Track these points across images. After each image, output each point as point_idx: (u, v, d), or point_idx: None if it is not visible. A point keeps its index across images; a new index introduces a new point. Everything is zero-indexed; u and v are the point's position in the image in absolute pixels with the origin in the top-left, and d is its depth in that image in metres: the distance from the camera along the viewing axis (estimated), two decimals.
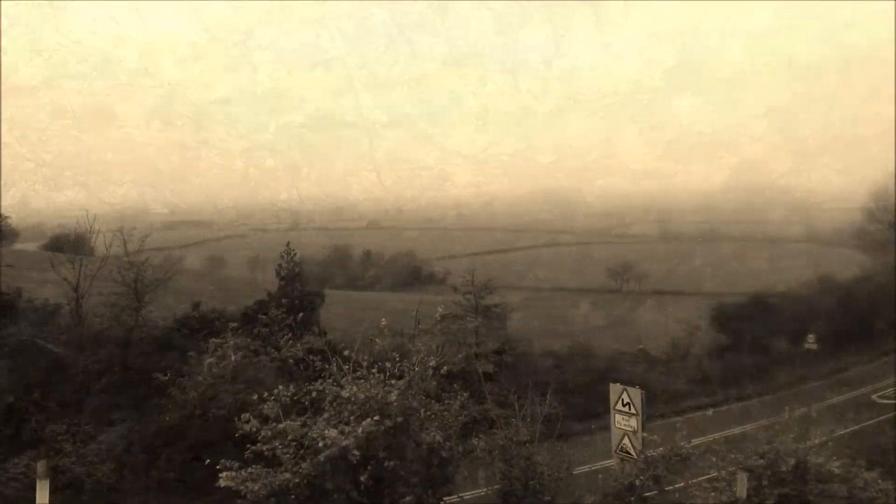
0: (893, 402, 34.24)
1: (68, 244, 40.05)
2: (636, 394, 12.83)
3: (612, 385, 13.51)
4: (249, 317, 22.86)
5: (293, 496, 9.26)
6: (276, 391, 10.33)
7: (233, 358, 17.53)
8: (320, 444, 9.14)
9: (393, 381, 10.29)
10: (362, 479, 9.18)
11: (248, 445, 9.80)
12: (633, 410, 12.81)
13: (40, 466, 11.73)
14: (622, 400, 12.98)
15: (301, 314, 19.67)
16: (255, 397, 10.75)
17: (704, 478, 12.71)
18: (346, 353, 11.03)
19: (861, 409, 31.20)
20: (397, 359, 10.85)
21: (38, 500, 8.79)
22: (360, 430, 9.22)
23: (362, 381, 10.33)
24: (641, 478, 11.31)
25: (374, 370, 10.58)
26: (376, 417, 9.48)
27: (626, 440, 12.85)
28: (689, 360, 37.89)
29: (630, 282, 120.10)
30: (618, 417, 13.05)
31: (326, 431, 9.21)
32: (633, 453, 12.41)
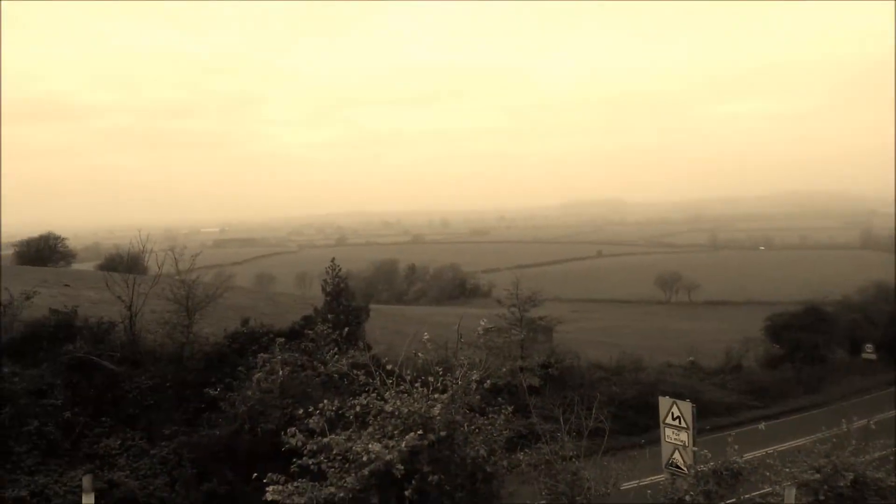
0: None
1: (122, 263, 41.42)
2: (686, 407, 12.59)
3: (661, 398, 13.29)
4: (296, 332, 23.14)
5: None
6: (321, 405, 10.43)
7: (280, 373, 17.77)
8: (364, 459, 9.17)
9: (436, 395, 10.28)
10: (406, 493, 9.17)
11: (295, 459, 9.91)
12: (683, 424, 12.58)
13: (86, 481, 12.05)
14: (672, 413, 12.76)
15: (346, 329, 19.89)
16: (301, 411, 10.87)
17: (757, 493, 12.36)
18: (389, 367, 11.08)
19: None
20: (440, 372, 10.83)
21: None
22: (403, 445, 9.23)
23: (406, 395, 10.34)
24: (692, 493, 11.05)
25: (417, 384, 10.59)
26: (420, 432, 9.47)
27: (676, 454, 12.61)
28: (741, 372, 37.04)
29: (679, 292, 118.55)
30: (668, 431, 12.82)
31: (370, 445, 9.24)
32: (684, 468, 12.16)
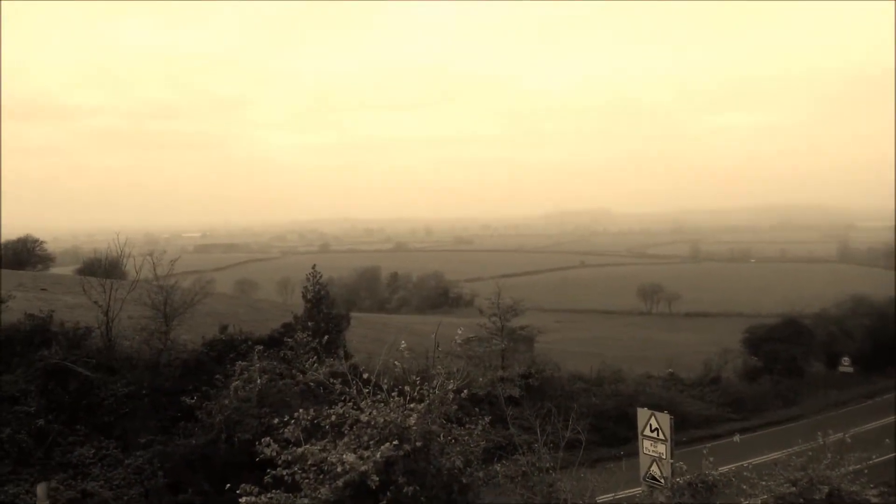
0: None
1: (100, 268, 40.91)
2: (665, 419, 12.60)
3: (640, 410, 13.29)
4: (276, 340, 22.98)
5: None
6: (296, 415, 10.33)
7: (258, 381, 17.62)
8: (339, 469, 9.08)
9: (413, 405, 10.21)
10: None
11: (269, 470, 9.79)
12: (661, 436, 12.57)
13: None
14: (650, 425, 12.76)
15: (326, 337, 19.74)
16: (277, 421, 10.77)
17: None
18: (366, 376, 10.99)
19: None
20: (417, 382, 10.77)
21: None
22: (378, 455, 9.15)
23: (382, 404, 10.27)
24: None
25: (394, 393, 10.52)
26: (395, 442, 9.40)
27: (654, 467, 12.61)
28: (720, 384, 37.28)
29: (660, 303, 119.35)
30: (646, 443, 12.82)
31: (345, 456, 9.15)
32: (661, 480, 12.17)
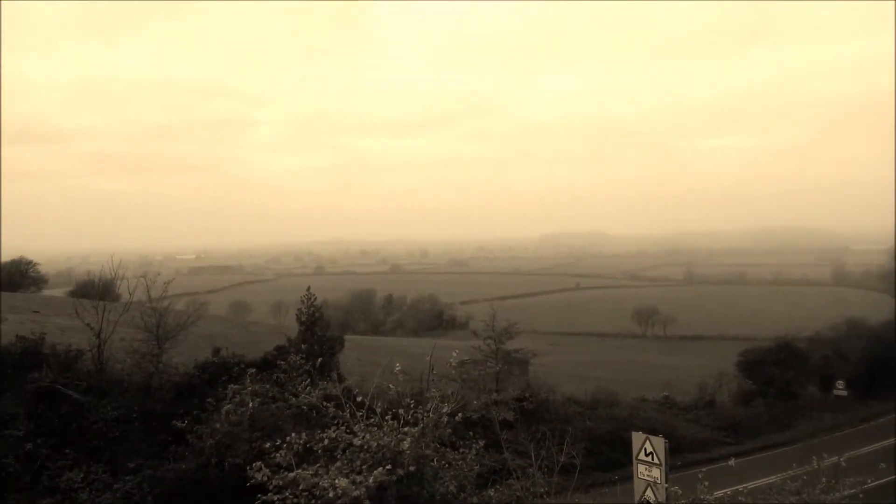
0: None
1: (94, 290, 40.78)
2: (659, 443, 12.54)
3: (634, 434, 13.23)
4: (269, 362, 22.84)
5: None
6: (288, 439, 10.25)
7: (250, 405, 17.47)
8: (331, 495, 8.99)
9: (406, 429, 10.14)
10: None
11: (260, 495, 9.69)
12: (656, 460, 12.51)
13: None
14: (645, 449, 12.69)
15: (320, 360, 19.63)
16: (269, 445, 10.69)
17: None
18: (360, 399, 10.93)
19: (894, 458, 30.19)
20: (412, 405, 10.72)
21: None
22: (371, 480, 9.07)
23: (376, 428, 10.20)
24: None
25: (388, 417, 10.45)
26: (388, 466, 9.33)
27: (648, 491, 12.52)
28: (715, 407, 37.17)
29: (655, 326, 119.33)
30: (640, 468, 12.74)
31: (338, 481, 9.06)
32: None
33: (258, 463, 9.95)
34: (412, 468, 9.64)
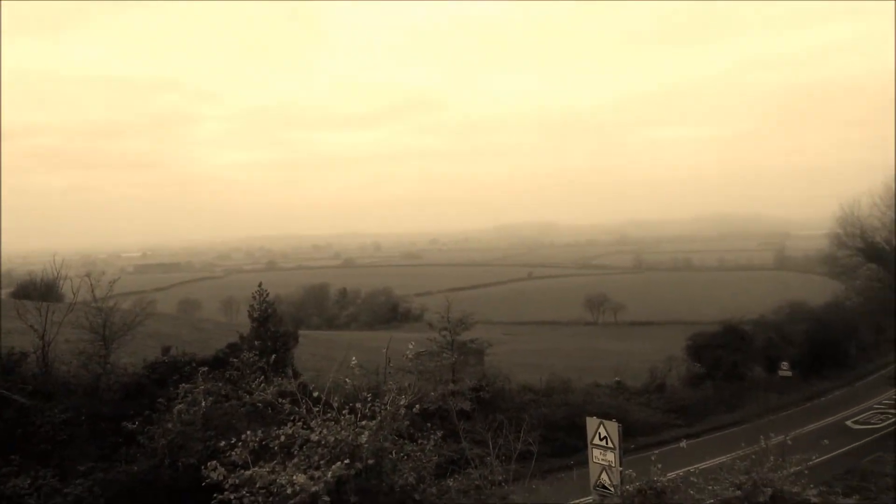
0: (867, 427, 34.53)
1: (36, 290, 39.47)
2: (613, 427, 12.77)
3: (589, 419, 13.44)
4: (221, 360, 22.46)
5: None
6: (244, 437, 10.11)
7: (203, 403, 17.16)
8: (289, 491, 8.90)
9: (364, 423, 10.11)
10: None
11: (216, 494, 9.54)
12: (610, 444, 12.74)
13: None
14: (599, 434, 12.92)
15: (274, 356, 19.36)
16: (224, 444, 10.52)
17: None
18: (316, 394, 10.84)
19: (836, 435, 31.43)
20: (369, 398, 10.68)
21: None
22: (329, 475, 9.01)
23: (333, 423, 10.13)
24: None
25: (345, 411, 10.39)
26: (346, 460, 9.28)
27: (603, 475, 12.76)
28: (665, 391, 38.01)
29: (606, 313, 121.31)
30: (595, 452, 12.97)
31: (295, 477, 8.98)
32: (611, 488, 12.31)
33: (213, 462, 9.78)
34: (371, 461, 9.61)
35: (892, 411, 36.90)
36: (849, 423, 35.38)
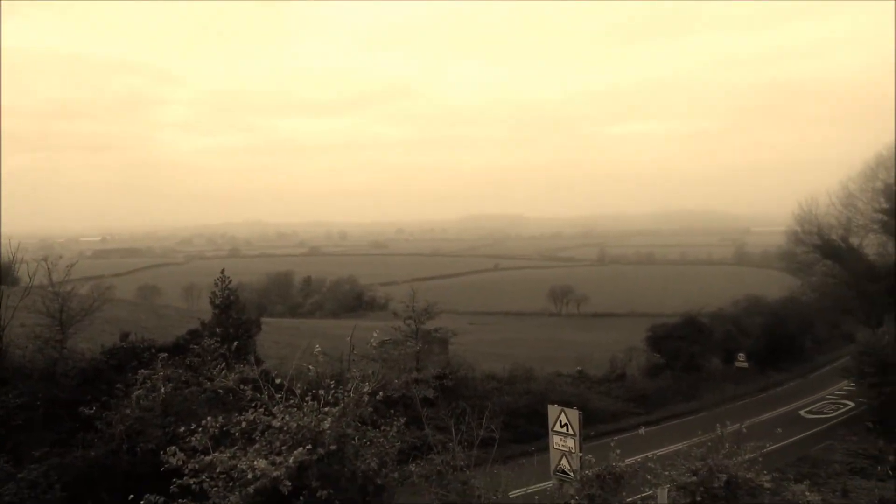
0: (819, 416, 35.56)
1: None
2: (574, 415, 12.97)
3: (550, 406, 13.62)
4: (181, 347, 22.16)
5: None
6: (204, 422, 10.02)
7: (162, 390, 16.94)
8: (250, 476, 8.87)
9: (327, 409, 10.09)
10: None
11: (175, 479, 9.45)
12: (570, 431, 12.94)
13: None
14: (560, 421, 13.11)
15: (235, 343, 19.20)
16: (183, 429, 10.42)
17: (639, 496, 12.91)
18: (279, 381, 10.79)
19: (789, 424, 32.33)
20: (332, 385, 10.67)
21: None
22: (291, 460, 8.99)
23: (295, 409, 10.10)
24: (577, 498, 11.39)
25: (307, 398, 10.37)
26: (309, 446, 9.27)
27: (563, 460, 12.96)
28: (625, 380, 38.62)
29: (569, 304, 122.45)
30: (556, 438, 13.16)
31: (256, 462, 8.95)
32: (571, 473, 12.51)
33: (172, 447, 9.69)
34: (333, 447, 9.60)
35: (843, 402, 38.06)
36: (802, 412, 36.41)
